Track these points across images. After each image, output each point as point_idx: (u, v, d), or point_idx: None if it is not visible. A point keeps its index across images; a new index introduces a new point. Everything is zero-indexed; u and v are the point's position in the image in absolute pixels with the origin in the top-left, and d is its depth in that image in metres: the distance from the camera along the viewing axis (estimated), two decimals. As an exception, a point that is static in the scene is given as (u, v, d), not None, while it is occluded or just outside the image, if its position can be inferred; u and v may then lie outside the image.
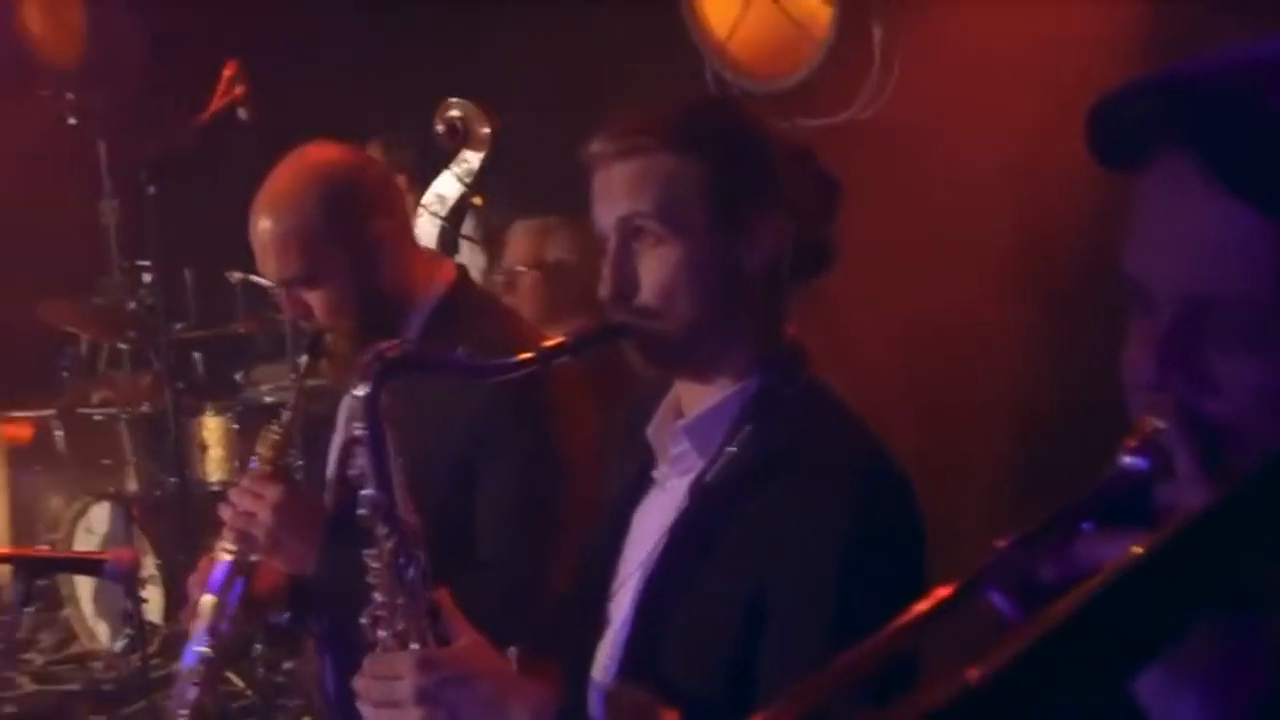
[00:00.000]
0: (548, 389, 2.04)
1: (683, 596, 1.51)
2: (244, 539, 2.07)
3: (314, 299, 2.12)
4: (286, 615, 2.29)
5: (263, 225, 2.10)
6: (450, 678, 1.49)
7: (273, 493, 2.05)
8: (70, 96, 5.54)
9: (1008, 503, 2.99)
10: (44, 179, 6.05)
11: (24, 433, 5.70)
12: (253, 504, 2.06)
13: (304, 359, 2.19)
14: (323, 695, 2.31)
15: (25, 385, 5.89)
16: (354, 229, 2.11)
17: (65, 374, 5.87)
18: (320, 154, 2.18)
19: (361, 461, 1.56)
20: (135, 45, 5.89)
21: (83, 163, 5.95)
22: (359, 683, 1.56)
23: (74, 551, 4.17)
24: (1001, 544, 0.82)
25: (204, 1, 5.37)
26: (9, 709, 4.96)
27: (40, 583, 5.31)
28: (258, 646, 4.81)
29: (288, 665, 4.70)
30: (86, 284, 5.95)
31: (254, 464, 2.16)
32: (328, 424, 2.29)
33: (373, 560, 1.57)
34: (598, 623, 1.63)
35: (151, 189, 3.98)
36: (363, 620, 1.58)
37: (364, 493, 1.56)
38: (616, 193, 1.52)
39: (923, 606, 0.77)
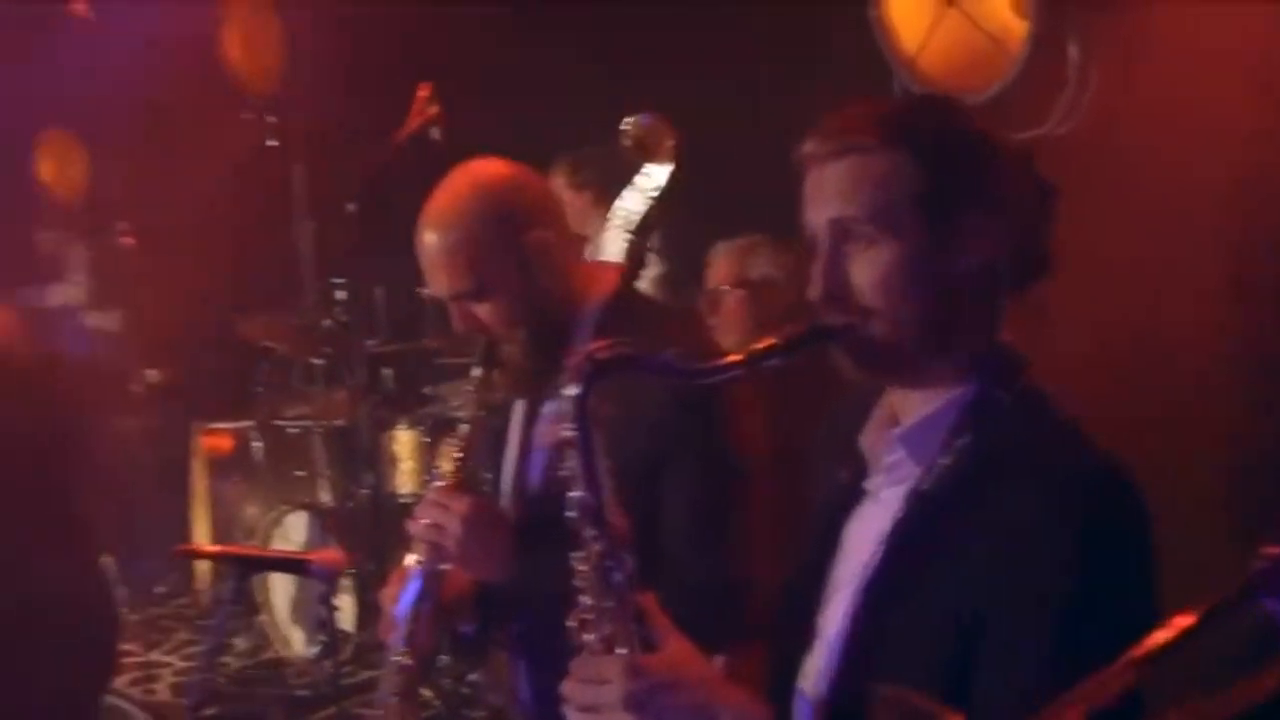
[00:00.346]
0: (724, 390, 2.03)
1: (901, 609, 1.47)
2: (434, 550, 2.10)
3: (483, 311, 2.15)
4: (471, 626, 2.32)
5: (429, 241, 2.14)
6: (659, 684, 1.48)
7: (460, 503, 2.08)
8: (271, 119, 5.74)
9: (1216, 522, 2.87)
10: (243, 201, 6.32)
11: (224, 444, 5.93)
12: (441, 515, 2.09)
13: (478, 371, 2.21)
14: (516, 702, 2.34)
15: (226, 398, 6.13)
16: (516, 240, 2.13)
17: (260, 389, 6.10)
18: (480, 169, 2.22)
19: (571, 463, 1.56)
20: (331, 71, 6.08)
21: (280, 185, 6.20)
22: (566, 686, 1.56)
23: (282, 551, 4.30)
24: (1273, 550, 0.78)
25: (398, 27, 5.51)
26: (208, 710, 5.13)
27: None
28: (444, 658, 4.91)
29: (473, 677, 4.77)
30: (282, 302, 6.18)
31: (436, 477, 2.21)
32: (500, 436, 2.33)
33: (579, 563, 1.56)
34: (806, 634, 1.60)
35: (351, 206, 4.09)
36: (569, 623, 1.58)
37: (571, 495, 1.56)
38: (828, 193, 1.49)
39: (1164, 636, 0.74)
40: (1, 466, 2.73)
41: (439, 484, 2.17)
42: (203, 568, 6.01)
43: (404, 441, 4.95)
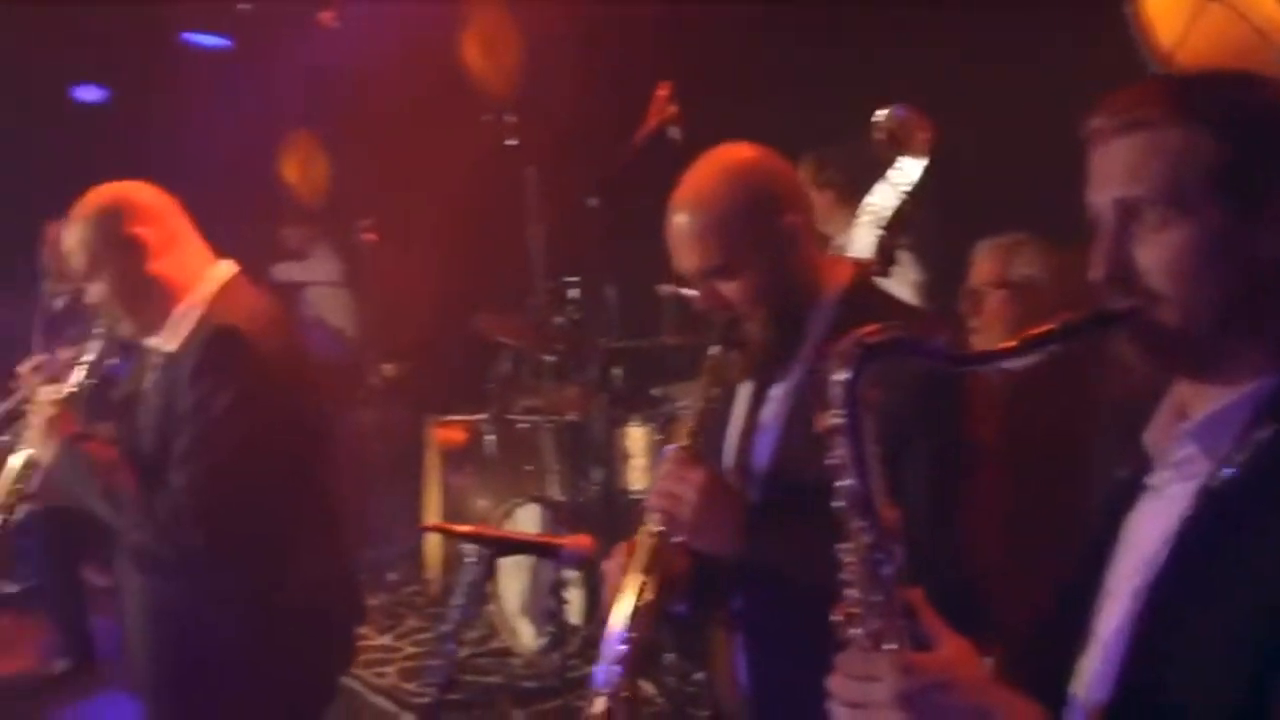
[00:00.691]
0: (965, 379, 2.02)
1: (1190, 611, 1.37)
2: (669, 520, 2.10)
3: (729, 290, 2.17)
4: (685, 605, 2.31)
5: (682, 219, 2.17)
6: (932, 683, 1.42)
7: (696, 474, 2.09)
8: (511, 119, 5.85)
9: None
10: (480, 200, 6.46)
11: (457, 436, 6.06)
12: (676, 485, 2.10)
13: (716, 348, 2.22)
14: (733, 686, 2.30)
15: (460, 392, 6.28)
16: (769, 221, 2.16)
17: (492, 384, 6.22)
18: (736, 152, 2.24)
19: (840, 450, 1.52)
20: (568, 72, 6.17)
21: (514, 185, 6.31)
22: (832, 681, 1.51)
23: (535, 535, 4.37)
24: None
25: (635, 26, 5.55)
26: (434, 694, 5.25)
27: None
28: (669, 655, 4.92)
29: (698, 676, 4.76)
30: (516, 299, 6.29)
31: (669, 450, 2.20)
32: (724, 416, 2.31)
33: (847, 554, 1.52)
34: (1080, 636, 1.53)
35: (593, 201, 4.14)
36: (834, 617, 1.53)
37: (841, 483, 1.52)
38: (1114, 171, 1.40)
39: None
40: (269, 451, 2.80)
41: (675, 454, 2.17)
42: (433, 556, 6.15)
43: (636, 438, 4.98)
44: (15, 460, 3.08)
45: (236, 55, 8.45)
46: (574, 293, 5.45)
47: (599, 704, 2.14)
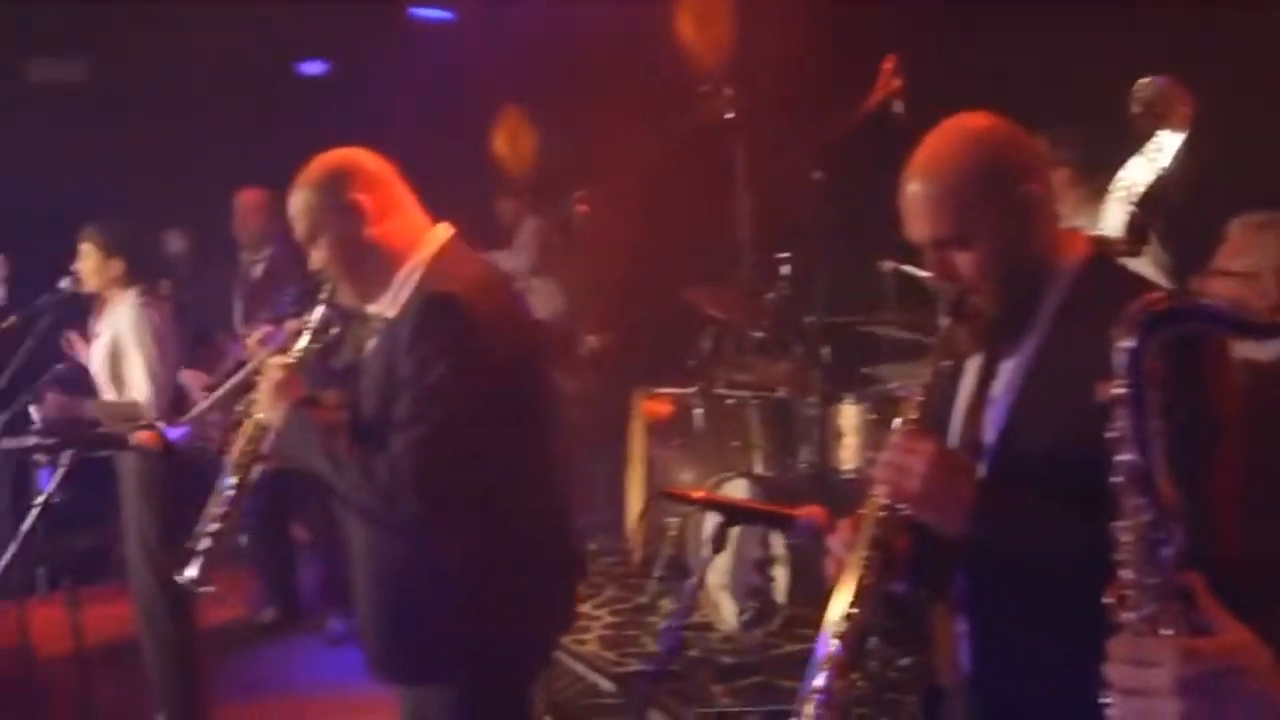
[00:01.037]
0: (1204, 348, 1.95)
1: None
2: (896, 493, 2.06)
3: (962, 261, 2.12)
4: (905, 584, 2.25)
5: (916, 187, 2.12)
6: (1218, 670, 1.35)
7: (925, 446, 2.04)
8: (729, 92, 5.81)
9: None
10: (691, 173, 6.44)
11: (664, 409, 6.07)
12: (904, 457, 2.05)
13: (946, 320, 2.17)
14: (955, 672, 2.22)
15: (667, 365, 6.29)
16: (1008, 190, 2.09)
17: (700, 358, 6.21)
18: (974, 119, 2.18)
19: (1120, 423, 1.44)
20: (781, 49, 6.10)
21: (726, 159, 6.29)
22: (1107, 667, 1.44)
23: (770, 505, 4.34)
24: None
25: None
26: (635, 665, 5.29)
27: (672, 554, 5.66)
28: (872, 639, 4.84)
29: (903, 661, 4.69)
30: (725, 274, 6.27)
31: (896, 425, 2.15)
32: (950, 390, 2.26)
33: (1123, 533, 1.45)
34: None
35: (818, 174, 4.07)
36: (1105, 599, 1.46)
37: (1121, 458, 1.44)
38: None
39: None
40: (488, 416, 2.80)
41: (903, 427, 2.12)
42: (634, 527, 6.18)
43: (850, 416, 4.90)
44: (249, 424, 3.19)
45: (457, 28, 8.62)
46: (786, 269, 5.37)
47: (819, 680, 2.12)
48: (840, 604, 2.13)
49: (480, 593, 2.90)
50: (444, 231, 3.02)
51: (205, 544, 3.19)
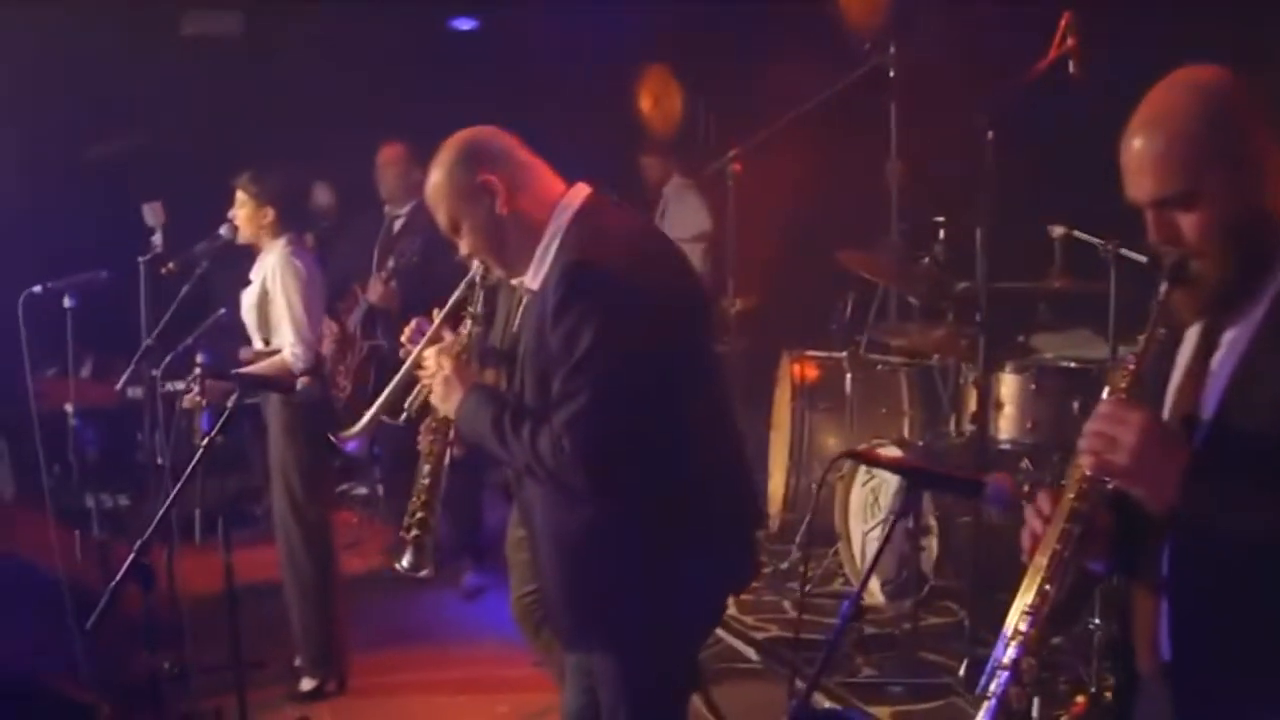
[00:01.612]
0: None
1: None
2: (1103, 464, 1.95)
3: (1186, 222, 2.01)
4: (1102, 562, 2.16)
5: (1140, 142, 2.02)
6: None
7: (1137, 416, 1.93)
8: (887, 54, 5.68)
9: None
10: (846, 134, 6.32)
11: (812, 372, 5.98)
12: (1115, 427, 1.94)
13: (1164, 286, 2.06)
14: (1152, 654, 2.11)
15: (816, 328, 6.20)
16: (1239, 146, 1.98)
17: (834, 327, 6.11)
18: (1203, 71, 2.06)
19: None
20: (947, 5, 5.96)
21: (881, 120, 6.16)
22: None
23: (959, 471, 4.26)
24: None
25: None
26: (773, 630, 5.23)
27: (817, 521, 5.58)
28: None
29: (1055, 640, 4.55)
30: (879, 238, 6.15)
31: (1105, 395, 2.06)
32: (1166, 361, 2.15)
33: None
34: None
35: (990, 134, 3.93)
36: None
37: None
38: None
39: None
40: (646, 377, 2.77)
41: (1111, 396, 2.03)
42: (776, 493, 6.10)
43: (1010, 385, 4.76)
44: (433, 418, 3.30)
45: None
46: (942, 233, 5.23)
47: (1009, 653, 2.04)
48: (1034, 578, 2.05)
49: (657, 558, 2.88)
50: (580, 193, 2.97)
51: (413, 533, 3.29)
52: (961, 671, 4.46)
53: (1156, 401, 2.14)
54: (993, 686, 2.03)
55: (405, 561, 3.32)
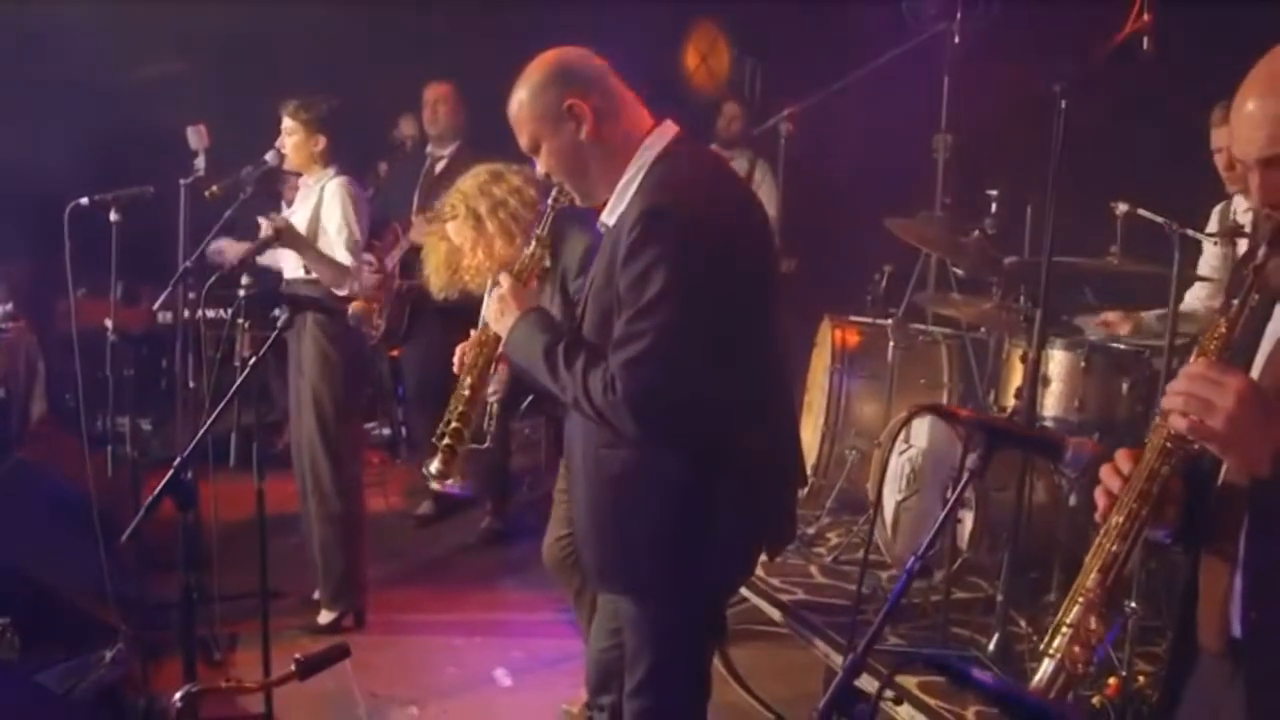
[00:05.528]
0: None
1: None
2: (1198, 427, 1.86)
3: None
4: (1169, 532, 2.08)
5: (1253, 105, 1.95)
6: None
7: (1236, 380, 1.85)
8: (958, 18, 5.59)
9: None
10: (901, 101, 6.24)
11: (852, 338, 5.92)
12: (1210, 390, 1.85)
13: (1263, 250, 1.99)
14: (1220, 633, 2.06)
15: (859, 294, 6.14)
16: None
17: (869, 297, 6.04)
18: None
19: None
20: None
21: (936, 88, 6.09)
22: None
23: (1038, 430, 4.20)
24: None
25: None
26: (798, 594, 5.20)
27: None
28: (1053, 597, 4.67)
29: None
30: (929, 207, 6.09)
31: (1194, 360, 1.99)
32: (1256, 330, 2.07)
33: None
34: None
35: (1064, 104, 3.85)
36: None
37: None
38: None
39: None
40: (707, 330, 2.73)
41: (1205, 359, 1.96)
42: (808, 458, 6.05)
43: (1059, 362, 4.70)
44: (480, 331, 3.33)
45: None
46: (994, 206, 5.15)
47: (1074, 613, 1.99)
48: (1107, 539, 2.00)
49: (692, 508, 2.86)
50: (667, 132, 2.92)
51: (445, 442, 3.29)
52: (991, 646, 4.42)
53: (1245, 371, 2.09)
54: (1056, 644, 1.98)
55: (433, 468, 3.33)
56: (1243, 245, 4.48)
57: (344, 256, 5.20)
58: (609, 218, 2.90)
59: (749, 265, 2.89)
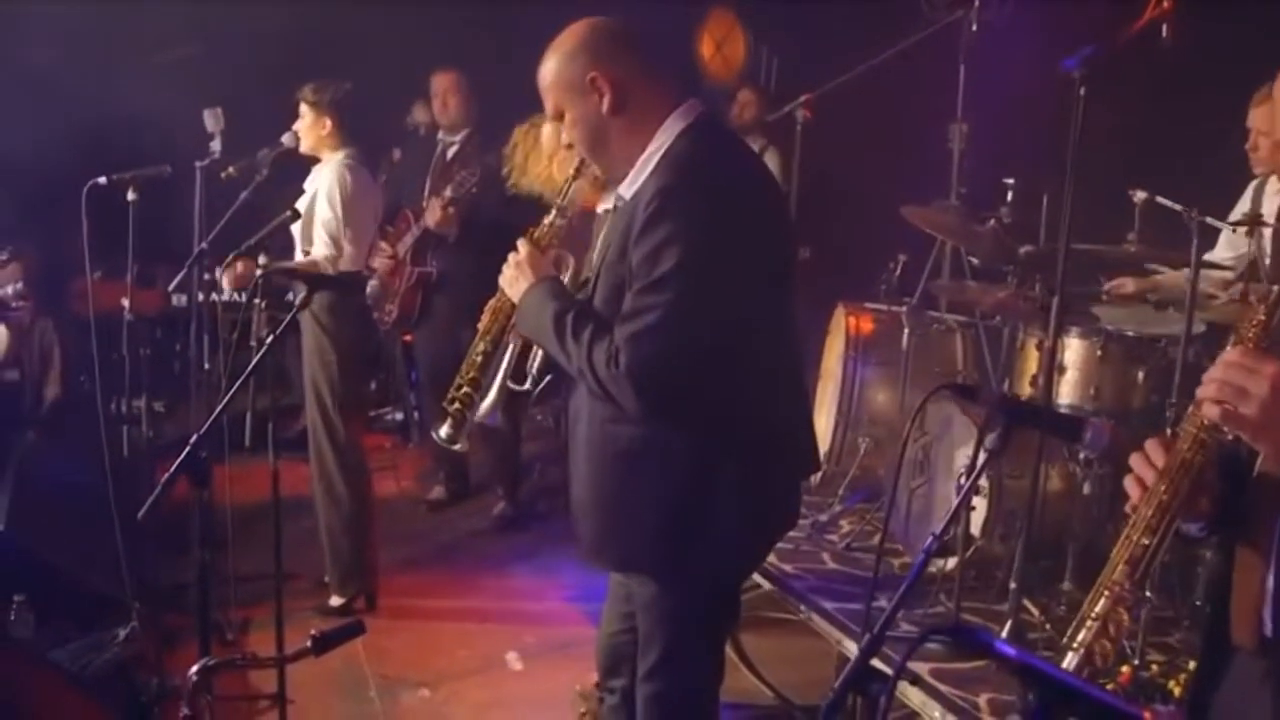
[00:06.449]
0: None
1: None
2: (1231, 415, 1.84)
3: None
4: (1199, 523, 2.06)
5: None
6: None
7: (1271, 369, 1.82)
8: (976, 5, 5.57)
9: None
10: (918, 89, 6.23)
11: (867, 326, 5.91)
12: (1244, 378, 1.83)
13: None
14: (1252, 626, 2.04)
15: (866, 285, 6.13)
16: None
17: (883, 285, 6.02)
18: None
19: None
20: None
21: (953, 75, 6.07)
22: None
23: (1061, 412, 4.20)
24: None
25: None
26: (811, 580, 5.19)
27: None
28: (1066, 584, 4.66)
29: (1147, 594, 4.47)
30: (945, 195, 6.07)
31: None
32: None
33: None
34: None
35: (1082, 91, 3.83)
36: None
37: None
38: None
39: None
40: (718, 311, 2.74)
41: (1240, 347, 1.93)
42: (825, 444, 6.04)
43: (1075, 350, 4.68)
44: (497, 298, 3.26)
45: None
46: (1010, 194, 5.13)
47: (1100, 605, 1.98)
48: (1136, 529, 1.98)
49: (702, 486, 2.85)
50: (691, 110, 2.90)
51: (454, 406, 3.29)
52: (1004, 634, 4.41)
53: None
54: (1080, 637, 1.97)
55: (443, 432, 3.34)
56: (1265, 234, 4.45)
57: (322, 240, 5.27)
58: (626, 191, 2.90)
59: (765, 247, 2.88)
